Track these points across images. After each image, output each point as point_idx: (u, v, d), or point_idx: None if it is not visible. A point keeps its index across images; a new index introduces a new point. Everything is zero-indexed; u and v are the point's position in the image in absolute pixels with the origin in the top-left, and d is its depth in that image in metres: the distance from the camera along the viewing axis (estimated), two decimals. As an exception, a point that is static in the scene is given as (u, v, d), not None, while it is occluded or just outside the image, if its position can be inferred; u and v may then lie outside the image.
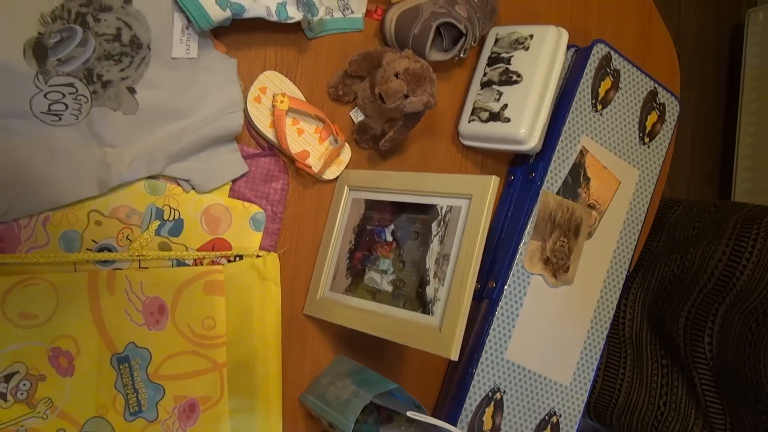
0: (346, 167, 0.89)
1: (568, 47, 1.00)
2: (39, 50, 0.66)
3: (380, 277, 0.80)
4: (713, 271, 1.06)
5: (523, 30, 0.94)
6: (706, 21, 2.61)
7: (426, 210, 0.78)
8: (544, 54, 0.91)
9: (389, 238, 0.81)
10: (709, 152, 2.59)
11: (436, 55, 0.90)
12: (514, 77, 0.92)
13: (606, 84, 1.00)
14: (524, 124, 0.89)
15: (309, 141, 0.86)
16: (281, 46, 0.86)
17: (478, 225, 0.71)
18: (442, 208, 0.76)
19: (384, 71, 0.81)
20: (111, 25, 0.70)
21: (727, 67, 2.64)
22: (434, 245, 0.75)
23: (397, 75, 0.79)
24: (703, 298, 1.07)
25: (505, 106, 0.91)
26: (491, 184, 0.71)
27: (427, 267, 0.75)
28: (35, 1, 0.65)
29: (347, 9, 0.90)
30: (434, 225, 0.76)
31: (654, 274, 1.18)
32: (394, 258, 0.79)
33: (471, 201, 0.73)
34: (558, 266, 0.95)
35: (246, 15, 0.76)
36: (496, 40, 0.97)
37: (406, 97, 0.79)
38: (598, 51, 0.98)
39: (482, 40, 0.98)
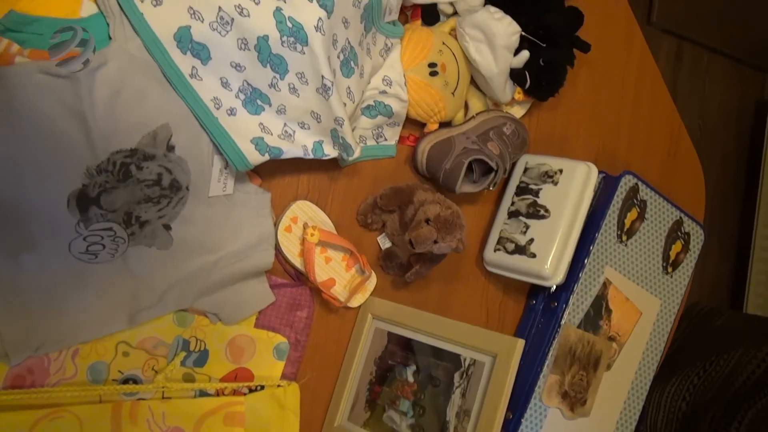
0: (371, 294, 0.90)
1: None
2: (82, 200, 0.68)
3: (399, 418, 0.80)
4: (749, 375, 1.07)
5: (553, 163, 0.95)
6: (729, 98, 2.62)
7: (449, 357, 0.79)
8: (572, 191, 0.92)
9: (410, 379, 0.81)
10: (726, 229, 2.59)
11: (466, 187, 0.91)
12: (542, 212, 0.93)
13: (632, 215, 1.00)
14: (550, 261, 0.90)
15: (336, 269, 0.87)
16: (314, 173, 0.87)
17: (501, 388, 0.71)
18: (465, 360, 0.77)
19: (414, 214, 0.82)
20: (153, 171, 0.72)
21: (749, 141, 2.64)
22: (456, 397, 0.76)
23: (427, 221, 0.80)
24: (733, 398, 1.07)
25: (531, 240, 0.92)
26: (516, 347, 0.72)
27: (447, 419, 0.75)
28: (82, 155, 0.66)
29: (381, 137, 0.91)
30: (456, 376, 0.77)
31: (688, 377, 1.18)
32: (414, 401, 0.80)
33: (495, 360, 0.73)
34: (576, 399, 0.95)
35: (284, 156, 0.78)
36: (526, 169, 0.98)
37: (435, 242, 0.80)
38: (626, 182, 0.99)
39: (511, 167, 0.99)
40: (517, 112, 1.01)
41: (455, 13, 0.93)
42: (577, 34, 0.98)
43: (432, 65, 0.88)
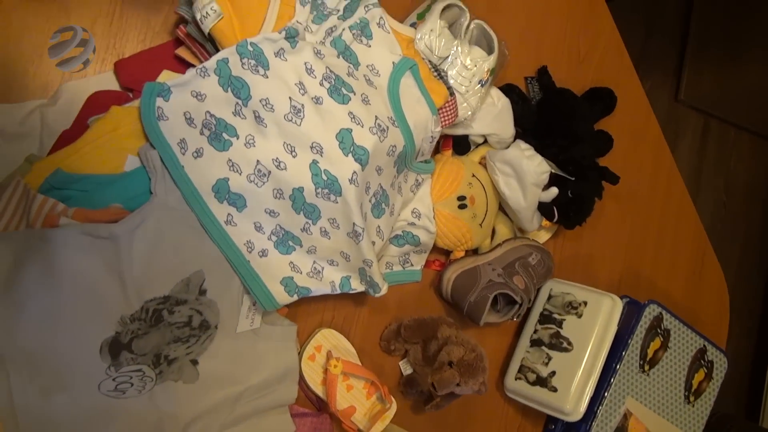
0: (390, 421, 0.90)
1: (621, 297, 1.01)
2: (114, 347, 0.69)
3: None
4: None
5: (577, 293, 0.95)
6: (755, 175, 2.60)
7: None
8: (597, 326, 0.92)
9: None
10: (748, 308, 2.55)
11: (490, 318, 0.91)
12: (565, 344, 0.93)
13: (655, 344, 1.00)
14: (571, 397, 0.89)
15: (357, 397, 0.88)
16: (339, 298, 0.88)
17: None
18: None
19: (437, 350, 0.83)
20: (184, 314, 0.73)
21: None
22: None
23: (450, 364, 0.81)
24: None
25: (553, 373, 0.92)
26: None
27: None
28: (117, 306, 0.68)
29: (407, 262, 0.92)
30: None
31: None
32: None
33: None
34: None
35: (312, 294, 0.79)
36: (550, 297, 0.98)
37: (458, 385, 0.81)
38: (651, 312, 0.99)
39: (536, 293, 0.99)
40: (543, 236, 1.01)
41: (486, 140, 0.95)
42: (606, 165, 0.99)
43: (461, 198, 0.89)
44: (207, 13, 0.69)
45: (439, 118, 0.82)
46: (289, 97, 0.71)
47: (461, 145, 0.93)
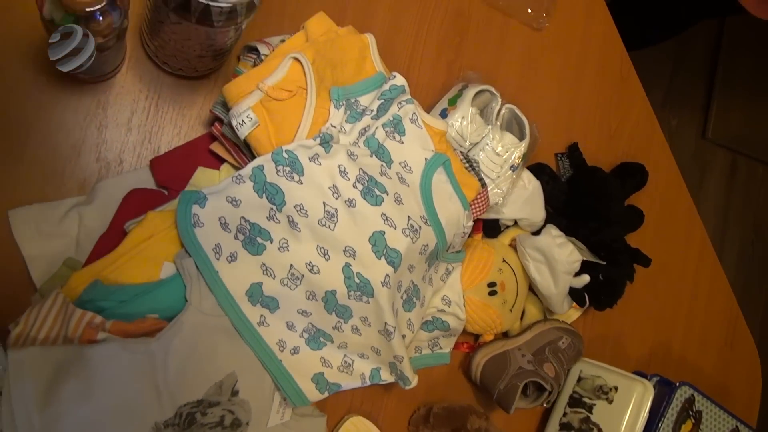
0: (417, 507, 0.90)
1: (650, 376, 1.00)
2: (148, 453, 0.69)
3: None
4: None
5: (608, 377, 0.94)
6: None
7: None
8: (628, 414, 0.91)
9: None
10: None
11: (520, 403, 0.90)
12: (595, 430, 0.92)
13: (687, 426, 0.98)
14: (601, 487, 0.88)
15: (385, 484, 0.87)
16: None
17: None
18: None
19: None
20: (216, 415, 0.73)
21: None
22: None
23: (480, 460, 0.80)
24: None
25: (583, 460, 0.91)
26: None
27: None
28: (151, 413, 0.68)
29: (436, 346, 0.91)
30: None
31: None
32: None
33: None
34: None
35: (342, 389, 0.79)
36: (580, 379, 0.97)
37: (488, 481, 0.80)
38: (682, 394, 0.97)
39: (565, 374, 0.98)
40: (573, 315, 1.00)
41: (516, 222, 0.94)
42: (638, 239, 0.98)
43: (491, 285, 0.88)
44: (243, 120, 0.69)
45: (470, 212, 0.81)
46: (323, 202, 0.71)
47: (492, 228, 0.93)
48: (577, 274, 0.91)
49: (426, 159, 0.78)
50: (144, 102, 0.79)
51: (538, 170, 0.96)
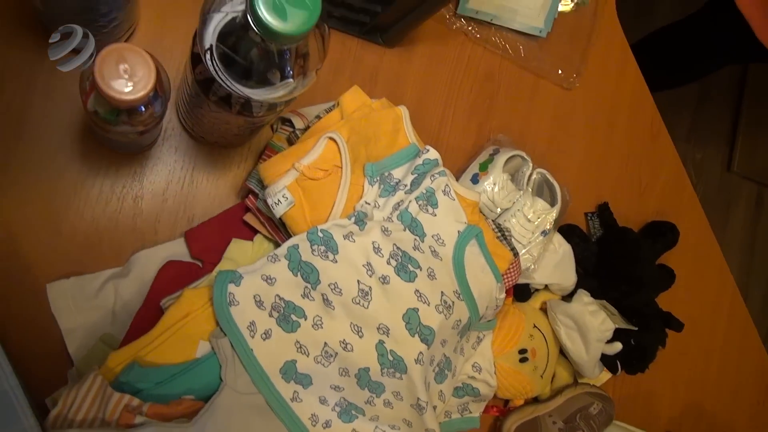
0: None
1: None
2: None
3: None
4: None
5: (639, 443, 0.93)
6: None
7: None
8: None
9: None
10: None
11: (550, 471, 0.89)
12: (627, 499, 0.90)
13: (720, 493, 0.97)
14: None
15: None
16: (398, 449, 0.88)
17: None
18: None
19: None
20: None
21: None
22: None
23: None
24: None
25: None
26: None
27: None
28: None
29: (466, 410, 0.91)
30: None
31: None
32: None
33: None
34: None
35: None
36: (610, 444, 0.96)
37: None
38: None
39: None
40: (603, 377, 0.99)
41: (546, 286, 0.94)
42: (668, 296, 0.97)
43: (522, 351, 0.88)
44: (279, 200, 0.70)
45: (503, 284, 0.81)
46: (357, 280, 0.71)
47: (522, 292, 0.92)
48: (609, 341, 0.90)
49: (459, 231, 0.78)
50: (179, 172, 0.80)
51: (568, 232, 0.96)
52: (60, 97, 0.74)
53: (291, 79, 0.54)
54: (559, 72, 0.99)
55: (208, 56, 0.51)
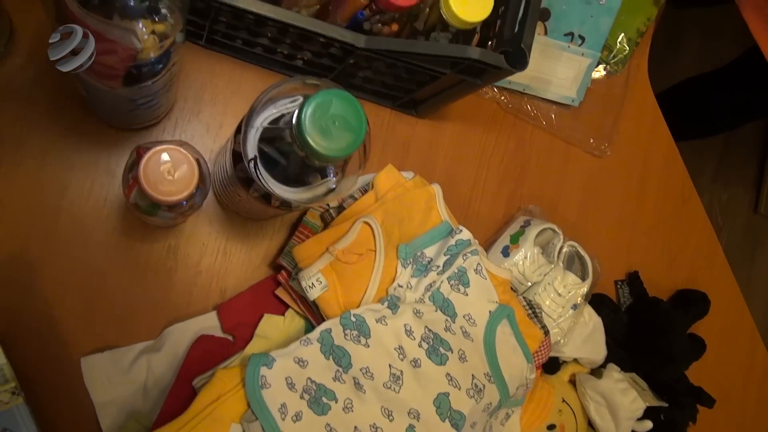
0: None
1: None
2: None
3: None
4: None
5: None
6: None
7: None
8: None
9: None
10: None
11: None
12: None
13: None
14: None
15: None
16: None
17: None
18: None
19: None
20: None
21: None
22: None
23: None
24: None
25: None
26: None
27: None
28: None
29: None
30: None
31: None
32: None
33: None
34: None
35: None
36: None
37: None
38: None
39: None
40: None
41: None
42: (700, 372, 0.96)
43: (551, 427, 0.87)
44: (313, 284, 0.70)
45: (534, 365, 0.81)
46: (389, 364, 0.71)
47: (551, 365, 0.92)
48: (640, 419, 0.89)
49: (490, 312, 0.78)
50: (213, 243, 0.81)
51: (598, 302, 0.95)
52: (98, 173, 0.76)
53: (333, 185, 0.54)
54: (591, 140, 0.98)
55: (251, 165, 0.52)
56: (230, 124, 0.82)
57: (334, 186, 0.53)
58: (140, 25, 0.53)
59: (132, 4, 0.51)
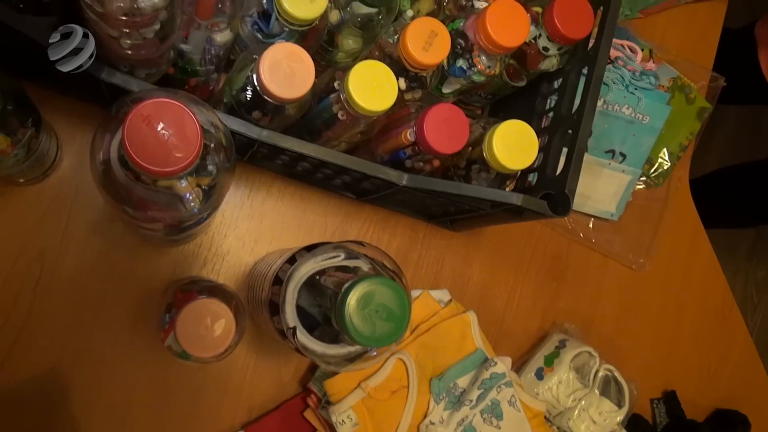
0: None
1: None
2: None
3: None
4: None
5: None
6: None
7: None
8: None
9: None
10: None
11: None
12: None
13: None
14: None
15: None
16: None
17: None
18: None
19: None
20: None
21: None
22: None
23: None
24: None
25: None
26: None
27: None
28: None
29: None
30: None
31: None
32: None
33: None
34: None
35: None
36: None
37: None
38: None
39: None
40: None
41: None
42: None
43: None
44: (343, 420, 0.69)
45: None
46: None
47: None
48: None
49: (523, 449, 0.76)
50: (243, 360, 0.80)
51: (634, 425, 0.92)
52: (132, 288, 0.76)
53: (374, 353, 0.53)
54: (629, 254, 0.96)
55: (290, 334, 0.51)
56: (266, 240, 0.82)
57: (375, 354, 0.52)
58: (184, 183, 0.53)
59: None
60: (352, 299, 0.45)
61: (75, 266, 0.75)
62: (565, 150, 0.69)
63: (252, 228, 0.82)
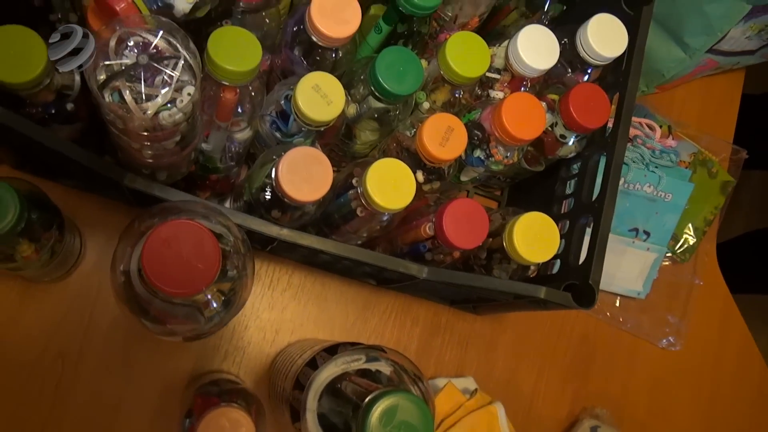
0: None
1: None
2: None
3: None
4: None
5: None
6: None
7: None
8: None
9: None
10: None
11: None
12: None
13: None
14: None
15: None
16: None
17: None
18: None
19: None
20: None
21: None
22: None
23: None
24: None
25: None
26: None
27: None
28: None
29: None
30: None
31: None
32: None
33: None
34: None
35: None
36: None
37: None
38: None
39: None
40: None
41: None
42: None
43: None
44: None
45: None
46: None
47: None
48: None
49: None
50: None
51: None
52: (152, 389, 0.75)
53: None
54: (659, 333, 0.94)
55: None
56: (287, 330, 0.81)
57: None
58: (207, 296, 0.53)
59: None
60: (374, 416, 0.44)
61: (96, 362, 0.74)
62: (587, 233, 0.68)
63: (273, 318, 0.81)
